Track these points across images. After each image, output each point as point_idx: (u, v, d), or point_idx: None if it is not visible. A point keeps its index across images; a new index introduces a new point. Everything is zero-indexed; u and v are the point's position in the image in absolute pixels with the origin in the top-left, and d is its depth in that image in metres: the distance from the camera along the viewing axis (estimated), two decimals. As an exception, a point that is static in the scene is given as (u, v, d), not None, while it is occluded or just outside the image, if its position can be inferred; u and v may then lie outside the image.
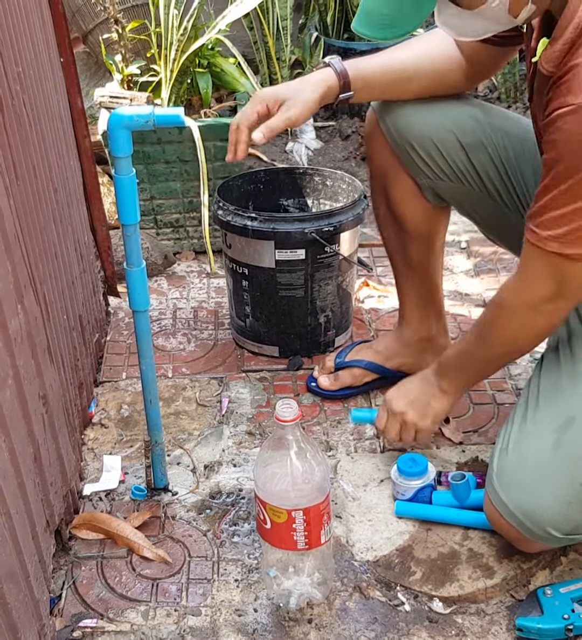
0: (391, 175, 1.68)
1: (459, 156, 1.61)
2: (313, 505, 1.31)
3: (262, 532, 1.37)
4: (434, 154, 1.61)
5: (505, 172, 1.60)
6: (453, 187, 1.64)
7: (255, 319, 2.00)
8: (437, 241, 1.76)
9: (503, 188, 1.61)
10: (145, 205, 2.41)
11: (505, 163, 1.60)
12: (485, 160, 1.60)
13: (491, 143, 1.60)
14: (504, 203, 1.62)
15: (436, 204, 1.69)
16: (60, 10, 1.80)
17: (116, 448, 1.74)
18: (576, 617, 1.32)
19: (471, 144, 1.60)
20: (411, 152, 1.62)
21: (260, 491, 1.33)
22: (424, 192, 1.67)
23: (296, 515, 1.31)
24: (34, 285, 1.35)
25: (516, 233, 1.64)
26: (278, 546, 1.35)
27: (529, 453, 1.36)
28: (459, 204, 1.69)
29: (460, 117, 1.61)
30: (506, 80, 3.26)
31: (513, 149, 1.60)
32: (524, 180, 1.60)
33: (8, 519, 1.11)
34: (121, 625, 1.37)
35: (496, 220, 1.67)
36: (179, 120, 1.35)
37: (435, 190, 1.66)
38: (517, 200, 1.61)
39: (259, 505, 1.34)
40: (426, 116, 1.61)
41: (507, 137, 1.60)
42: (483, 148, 1.60)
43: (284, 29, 3.01)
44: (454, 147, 1.60)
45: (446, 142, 1.60)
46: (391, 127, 1.64)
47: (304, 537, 1.32)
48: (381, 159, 1.69)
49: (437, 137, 1.60)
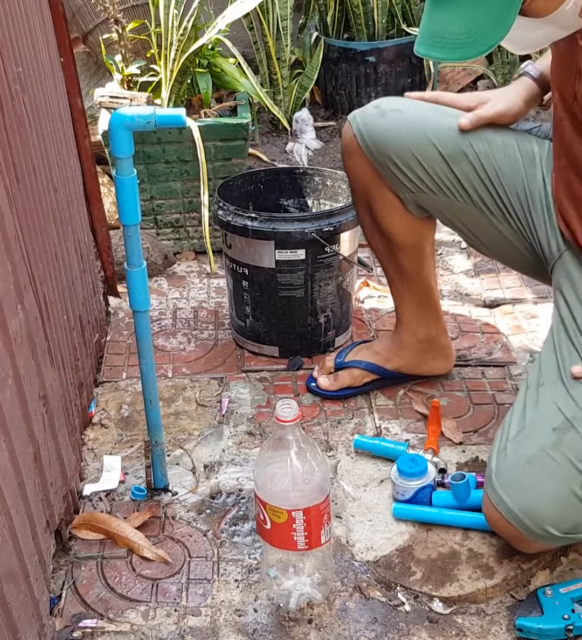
0: (372, 190, 1.67)
1: (441, 168, 1.60)
2: (313, 505, 1.31)
3: (262, 532, 1.37)
4: (415, 167, 1.60)
5: (488, 179, 1.59)
6: (436, 199, 1.63)
7: (255, 319, 2.00)
8: (426, 247, 1.75)
9: (487, 196, 1.60)
10: (145, 205, 2.41)
11: (487, 170, 1.59)
12: (467, 169, 1.59)
13: (472, 151, 1.58)
14: (490, 211, 1.61)
15: (420, 216, 1.68)
16: (60, 11, 1.80)
17: (116, 448, 1.74)
18: (576, 618, 1.32)
19: (452, 154, 1.59)
20: (391, 166, 1.61)
21: (260, 491, 1.33)
22: (407, 206, 1.66)
23: (296, 515, 1.31)
24: (34, 286, 1.35)
25: (505, 242, 1.64)
26: (278, 546, 1.35)
27: (528, 452, 1.36)
28: (443, 216, 1.67)
29: (439, 128, 1.60)
30: (506, 80, 3.26)
31: (494, 155, 1.59)
32: (508, 187, 1.59)
33: (8, 519, 1.11)
34: (121, 626, 1.36)
35: (482, 230, 1.65)
36: (181, 121, 1.35)
37: (418, 203, 1.65)
38: (503, 207, 1.60)
39: (259, 506, 1.34)
40: (405, 129, 1.60)
41: (488, 143, 1.59)
42: (465, 157, 1.59)
43: (284, 29, 3.01)
44: (435, 159, 1.59)
45: (426, 154, 1.59)
46: (368, 142, 1.62)
47: (304, 537, 1.32)
48: (361, 174, 1.67)
49: (417, 150, 1.59)
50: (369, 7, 3.11)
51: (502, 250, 1.67)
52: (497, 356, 1.99)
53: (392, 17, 3.19)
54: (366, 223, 1.76)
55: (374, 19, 3.14)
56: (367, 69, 3.20)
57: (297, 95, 3.17)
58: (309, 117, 3.19)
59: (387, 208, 1.68)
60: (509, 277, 2.30)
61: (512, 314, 2.16)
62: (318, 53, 3.14)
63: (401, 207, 1.66)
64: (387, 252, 1.76)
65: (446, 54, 1.22)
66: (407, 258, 1.73)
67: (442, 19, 1.22)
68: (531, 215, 1.58)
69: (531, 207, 1.58)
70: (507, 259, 1.71)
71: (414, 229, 1.70)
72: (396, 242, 1.71)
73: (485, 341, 2.05)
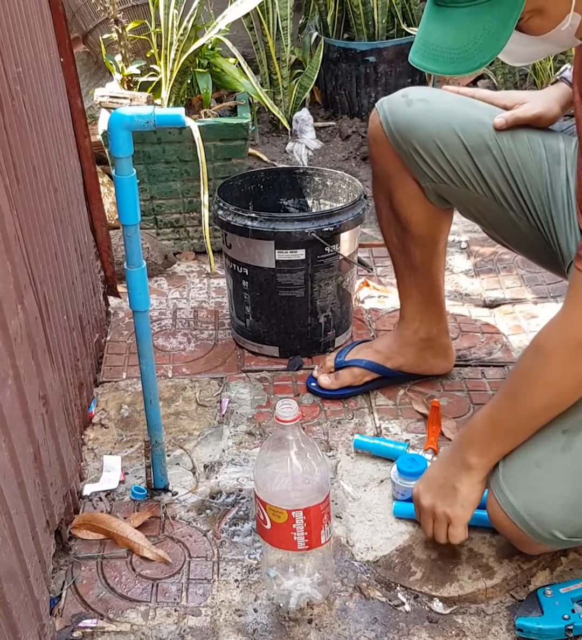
0: (395, 178, 1.68)
1: (464, 160, 1.59)
2: (313, 505, 1.31)
3: (262, 532, 1.37)
4: (438, 157, 1.60)
5: (511, 175, 1.58)
6: (457, 190, 1.63)
7: (255, 319, 2.00)
8: (440, 242, 1.76)
9: (508, 191, 1.59)
10: (145, 205, 2.41)
11: (511, 166, 1.58)
12: (490, 163, 1.58)
13: (496, 146, 1.58)
14: (510, 206, 1.60)
15: (440, 206, 1.69)
16: (60, 11, 1.80)
17: (116, 448, 1.74)
18: (576, 618, 1.32)
19: (476, 147, 1.58)
20: (415, 155, 1.61)
21: (260, 491, 1.33)
22: (427, 195, 1.66)
23: (296, 515, 1.31)
24: (34, 285, 1.35)
25: (522, 236, 1.64)
26: (278, 546, 1.35)
27: (537, 454, 1.35)
28: (463, 207, 1.68)
29: (464, 120, 1.59)
30: (506, 80, 3.26)
31: (518, 151, 1.58)
32: (530, 183, 1.58)
33: (8, 519, 1.11)
34: (121, 626, 1.36)
35: (501, 223, 1.65)
36: (180, 121, 1.35)
37: (439, 193, 1.65)
38: (523, 203, 1.59)
39: (259, 506, 1.34)
40: (430, 119, 1.60)
41: (513, 138, 1.58)
42: (488, 151, 1.58)
43: (284, 29, 3.01)
44: (458, 150, 1.59)
45: (450, 145, 1.59)
46: (394, 130, 1.63)
47: (304, 537, 1.32)
48: (385, 162, 1.68)
49: (441, 141, 1.59)
50: (369, 7, 3.11)
51: (520, 244, 1.67)
52: (497, 356, 1.99)
53: (392, 17, 3.19)
54: (384, 213, 1.76)
55: (374, 19, 3.14)
56: (367, 69, 3.20)
57: (297, 95, 3.17)
58: (309, 117, 3.19)
59: (408, 196, 1.68)
60: (509, 277, 2.30)
61: (512, 314, 2.16)
62: (318, 53, 3.14)
63: (422, 197, 1.67)
64: (401, 243, 1.76)
65: (439, 66, 1.22)
66: (420, 250, 1.74)
67: (438, 32, 1.22)
68: (551, 213, 1.57)
69: (551, 206, 1.56)
70: (526, 251, 1.70)
71: (432, 220, 1.70)
72: (412, 232, 1.72)
73: (485, 341, 2.05)
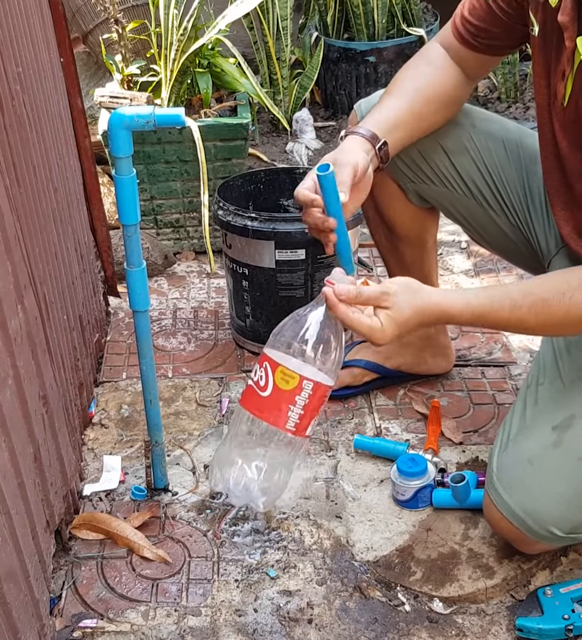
0: (375, 180, 1.68)
1: (442, 160, 1.60)
2: (323, 384, 1.27)
3: (252, 401, 1.30)
4: (417, 158, 1.61)
5: (489, 175, 1.60)
6: (437, 190, 1.63)
7: (255, 319, 2.00)
8: (428, 240, 1.76)
9: (487, 190, 1.61)
10: (145, 205, 2.41)
11: (488, 165, 1.59)
12: (468, 163, 1.60)
13: (474, 146, 1.59)
14: (489, 205, 1.62)
15: (421, 207, 1.68)
16: (60, 11, 1.80)
17: (116, 448, 1.74)
18: (576, 618, 1.32)
19: (453, 148, 1.59)
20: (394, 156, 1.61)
21: (274, 352, 1.26)
22: (408, 196, 1.66)
23: (305, 385, 1.26)
24: (34, 285, 1.35)
25: (502, 235, 1.64)
26: (265, 419, 1.30)
27: (529, 452, 1.36)
28: (443, 207, 1.68)
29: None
30: (506, 80, 3.26)
31: (496, 151, 1.59)
32: (508, 182, 1.59)
33: (8, 519, 1.11)
34: (121, 626, 1.36)
35: (482, 224, 1.65)
36: (180, 121, 1.35)
37: (419, 193, 1.65)
38: (502, 202, 1.60)
39: (266, 369, 1.28)
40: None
41: (491, 139, 1.60)
42: (466, 152, 1.59)
43: (284, 29, 3.01)
44: (436, 151, 1.60)
45: (428, 147, 1.60)
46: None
47: (297, 417, 1.28)
48: None
49: (419, 142, 1.58)
50: (369, 7, 3.11)
51: (500, 244, 1.68)
52: (497, 356, 1.99)
53: (392, 17, 3.19)
54: (370, 215, 1.76)
55: (374, 19, 3.13)
56: (367, 69, 3.20)
57: (297, 95, 3.17)
58: (309, 117, 3.19)
59: (390, 197, 1.68)
60: (509, 277, 2.30)
61: (512, 314, 2.16)
62: (318, 53, 3.14)
63: (403, 197, 1.67)
64: (389, 244, 1.76)
65: None
66: (409, 250, 1.74)
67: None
68: (529, 211, 1.59)
69: (529, 204, 1.59)
70: (506, 252, 1.71)
71: (416, 219, 1.70)
72: (397, 232, 1.72)
73: (485, 341, 2.05)
